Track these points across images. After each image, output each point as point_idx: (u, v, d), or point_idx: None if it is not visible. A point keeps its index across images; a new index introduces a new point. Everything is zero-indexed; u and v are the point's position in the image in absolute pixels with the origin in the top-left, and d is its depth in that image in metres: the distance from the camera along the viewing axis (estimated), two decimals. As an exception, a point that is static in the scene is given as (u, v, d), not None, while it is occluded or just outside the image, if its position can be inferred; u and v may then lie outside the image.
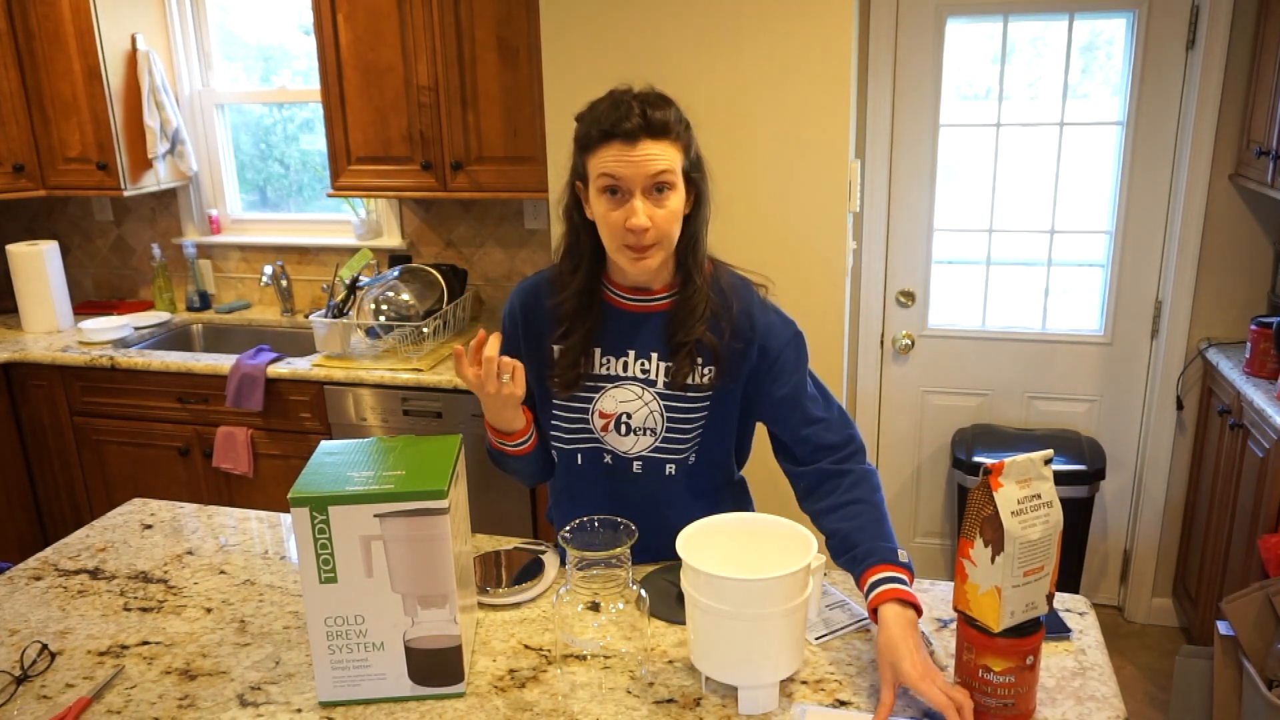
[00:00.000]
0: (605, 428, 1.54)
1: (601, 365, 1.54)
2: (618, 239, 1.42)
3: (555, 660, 1.37)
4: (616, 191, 1.39)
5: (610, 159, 1.38)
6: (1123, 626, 3.27)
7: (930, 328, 3.26)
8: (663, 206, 1.40)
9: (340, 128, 3.07)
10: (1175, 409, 3.07)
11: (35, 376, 3.23)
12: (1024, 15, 2.97)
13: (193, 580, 1.64)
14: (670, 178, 1.40)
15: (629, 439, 1.54)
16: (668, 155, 1.39)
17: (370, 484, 1.23)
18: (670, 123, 1.39)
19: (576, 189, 1.49)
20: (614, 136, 1.37)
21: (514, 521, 2.91)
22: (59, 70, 3.26)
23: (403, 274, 3.13)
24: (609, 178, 1.38)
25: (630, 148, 1.37)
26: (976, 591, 1.19)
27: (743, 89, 2.45)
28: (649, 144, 1.37)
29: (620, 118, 1.37)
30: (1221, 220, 2.91)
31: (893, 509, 3.44)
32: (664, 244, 1.43)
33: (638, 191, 1.38)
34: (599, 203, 1.42)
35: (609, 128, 1.37)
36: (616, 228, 1.40)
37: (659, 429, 1.53)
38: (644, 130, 1.37)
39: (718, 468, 1.61)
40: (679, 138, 1.41)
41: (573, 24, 2.50)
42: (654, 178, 1.38)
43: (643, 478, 1.57)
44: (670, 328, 1.51)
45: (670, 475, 1.57)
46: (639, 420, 1.53)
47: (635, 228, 1.38)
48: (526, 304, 1.58)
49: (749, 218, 2.52)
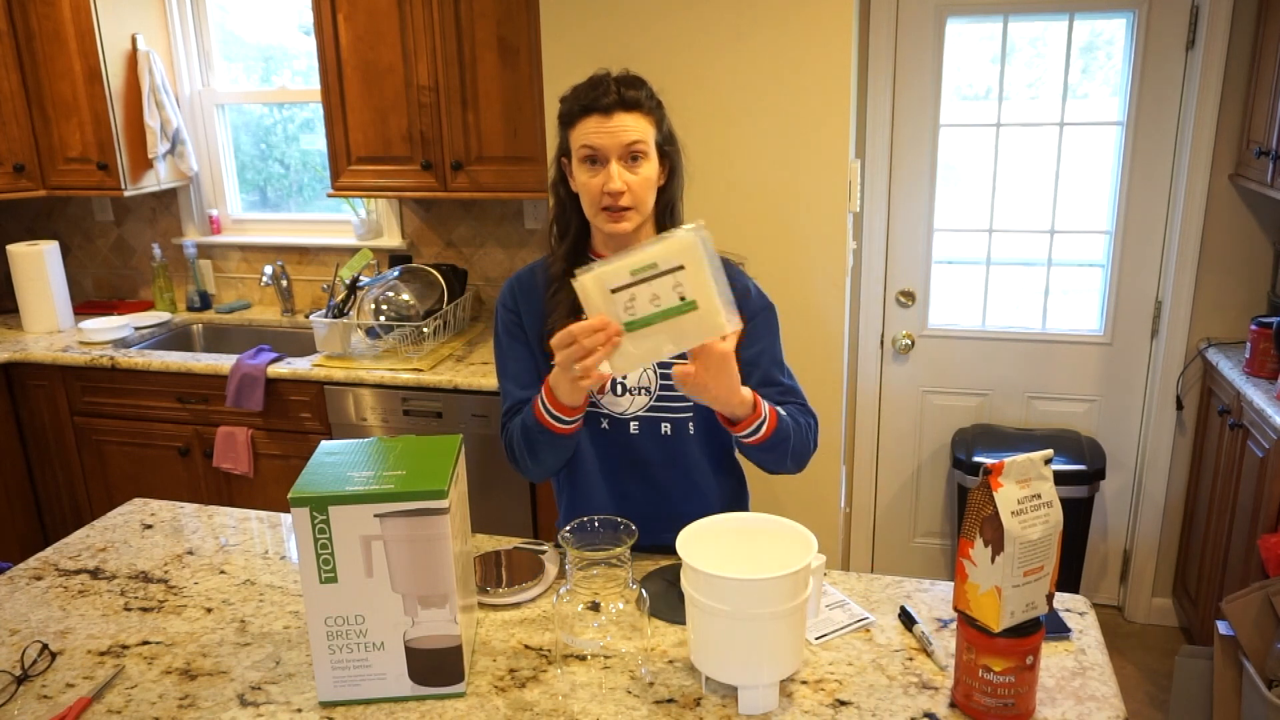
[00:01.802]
0: (601, 389, 1.62)
1: None
2: (596, 203, 1.53)
3: (555, 660, 1.37)
4: (595, 160, 1.52)
5: (589, 131, 1.51)
6: (1123, 626, 3.27)
7: (930, 328, 3.26)
8: (636, 173, 1.52)
9: (340, 128, 3.07)
10: (1175, 409, 3.07)
11: (36, 376, 3.23)
12: (1024, 15, 2.97)
13: (193, 580, 1.64)
14: (643, 147, 1.52)
15: (624, 399, 1.63)
16: (640, 127, 1.52)
17: (370, 484, 1.23)
18: (642, 99, 1.53)
19: (562, 164, 1.60)
20: (592, 110, 1.51)
21: (514, 521, 2.91)
22: (59, 70, 3.26)
23: (403, 274, 3.13)
24: (588, 148, 1.51)
25: (606, 119, 1.50)
26: (976, 591, 1.19)
27: (743, 89, 2.45)
28: (623, 116, 1.50)
29: (598, 95, 1.51)
30: (1221, 220, 2.91)
31: (893, 509, 3.44)
32: (639, 208, 1.54)
33: (614, 159, 1.51)
34: (580, 171, 1.54)
35: (587, 103, 1.51)
36: (595, 193, 1.52)
37: (653, 388, 1.62)
38: (619, 104, 1.50)
39: (715, 431, 1.65)
40: (650, 112, 1.55)
41: (573, 24, 2.50)
42: (628, 146, 1.51)
43: (640, 439, 1.64)
44: None
45: (667, 435, 1.64)
46: (632, 380, 1.62)
47: (611, 190, 1.50)
48: (523, 283, 1.68)
49: (749, 218, 2.52)
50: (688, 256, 1.30)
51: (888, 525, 3.47)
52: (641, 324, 1.32)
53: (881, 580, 1.58)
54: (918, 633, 1.40)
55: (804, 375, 1.72)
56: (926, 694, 1.28)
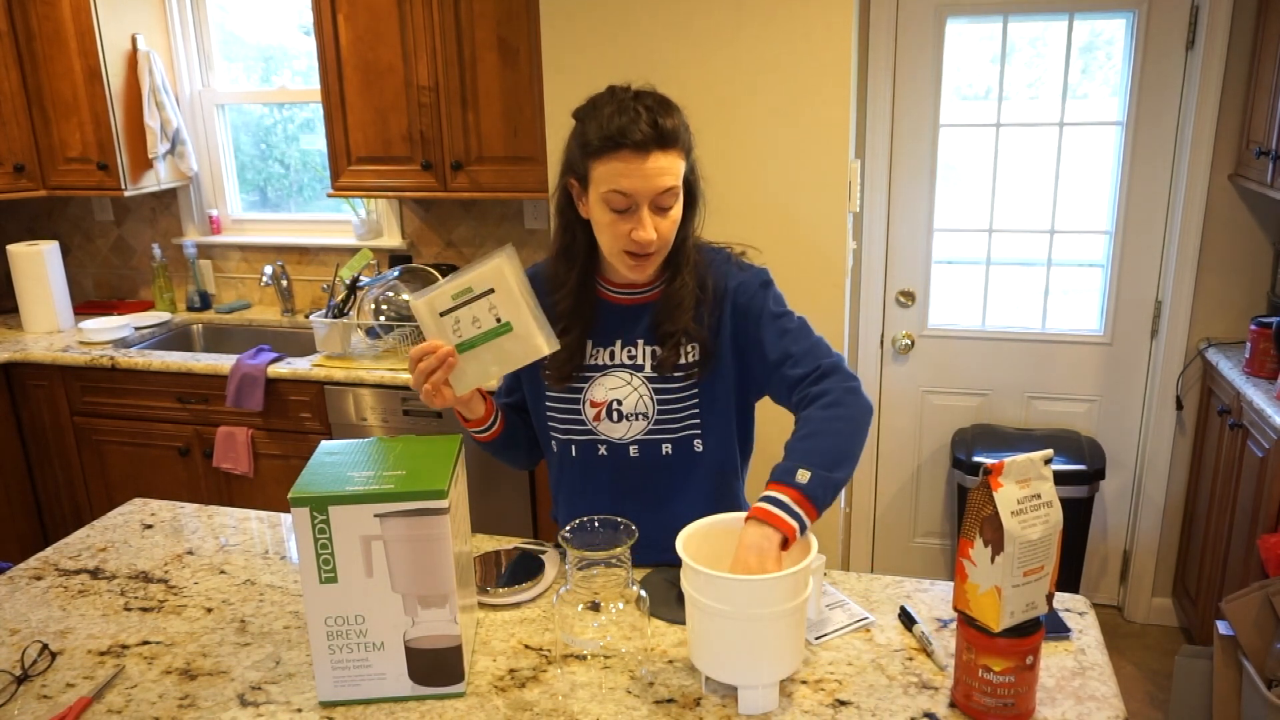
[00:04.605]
0: (597, 416, 1.55)
1: (591, 356, 1.56)
2: (619, 246, 1.43)
3: (555, 660, 1.37)
4: (624, 206, 1.39)
5: (619, 171, 1.36)
6: (1123, 626, 3.27)
7: (930, 328, 3.26)
8: (667, 218, 1.42)
9: (340, 128, 3.07)
10: (1175, 409, 3.07)
11: (36, 376, 3.23)
12: (1024, 15, 2.97)
13: (193, 580, 1.64)
14: (677, 190, 1.41)
15: (621, 425, 1.55)
16: (675, 168, 1.39)
17: (370, 484, 1.23)
18: (679, 131, 1.39)
19: (570, 186, 1.46)
20: (622, 146, 1.34)
21: (514, 521, 2.91)
22: (59, 70, 3.26)
23: (403, 274, 3.13)
24: (618, 194, 1.37)
25: (640, 160, 1.35)
26: (976, 591, 1.19)
27: (743, 89, 2.45)
28: (659, 156, 1.36)
29: (628, 124, 1.34)
30: (1221, 220, 2.91)
31: (893, 509, 3.44)
32: (663, 250, 1.46)
33: (645, 205, 1.38)
34: (601, 211, 1.41)
35: (617, 135, 1.34)
36: (621, 238, 1.42)
37: (650, 413, 1.54)
38: (655, 141, 1.35)
39: (719, 450, 1.58)
40: (684, 145, 1.41)
41: (573, 24, 2.50)
42: (662, 193, 1.38)
43: (640, 460, 1.57)
44: (656, 318, 1.53)
45: (667, 455, 1.56)
46: (629, 406, 1.54)
47: (642, 241, 1.39)
48: None
49: (749, 218, 2.52)
50: (496, 280, 1.34)
51: (888, 525, 3.47)
52: (469, 345, 1.38)
53: (881, 580, 1.58)
54: (918, 633, 1.40)
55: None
56: (926, 694, 1.28)
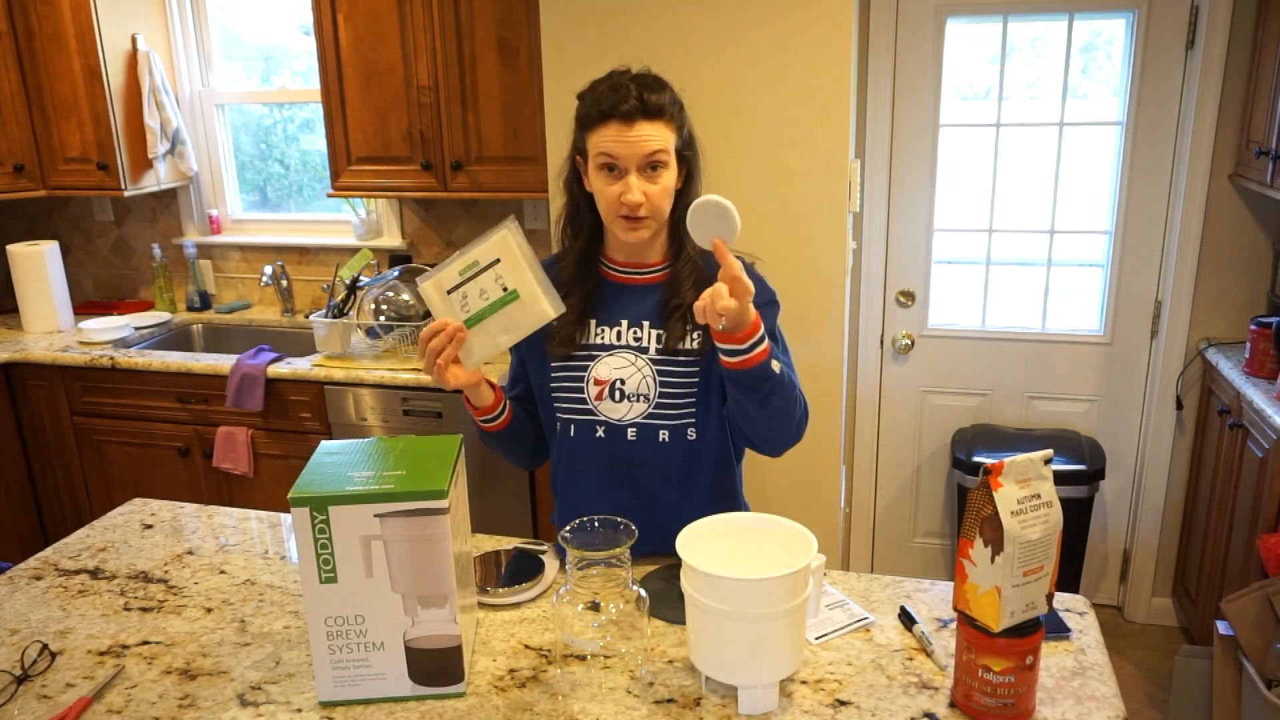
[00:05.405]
0: (600, 395, 1.59)
1: (596, 335, 1.61)
2: (613, 210, 1.52)
3: (555, 660, 1.37)
4: (613, 169, 1.49)
5: (608, 139, 1.47)
6: (1122, 626, 3.27)
7: (930, 328, 3.26)
8: (656, 183, 1.50)
9: (340, 128, 3.07)
10: (1175, 409, 3.07)
11: (36, 376, 3.23)
12: (1024, 15, 2.97)
13: (193, 580, 1.64)
14: (663, 157, 1.49)
15: (622, 406, 1.59)
16: (661, 136, 1.49)
17: (370, 484, 1.23)
18: (665, 105, 1.49)
19: (576, 162, 1.58)
20: (612, 117, 1.47)
21: (514, 521, 2.91)
22: (59, 70, 3.26)
23: (403, 274, 3.13)
24: (606, 156, 1.48)
25: (627, 128, 1.46)
26: (976, 591, 1.19)
27: (743, 89, 2.45)
28: (644, 125, 1.47)
29: (618, 99, 1.46)
30: (1221, 220, 2.91)
31: (893, 509, 3.44)
32: (656, 217, 1.53)
33: (633, 169, 1.48)
34: (597, 178, 1.51)
35: (607, 108, 1.47)
36: (612, 201, 1.50)
37: (652, 395, 1.58)
38: (640, 112, 1.46)
39: (714, 441, 1.63)
40: (673, 118, 1.51)
41: (573, 24, 2.50)
42: (648, 157, 1.48)
43: (637, 445, 1.60)
44: (663, 295, 1.60)
45: (664, 442, 1.60)
46: (632, 386, 1.58)
47: (630, 203, 1.48)
48: None
49: (749, 217, 2.49)
50: (501, 251, 1.42)
51: (887, 525, 3.47)
52: (478, 318, 1.45)
53: (881, 580, 1.58)
54: (917, 633, 1.40)
55: (804, 375, 1.72)
56: (926, 694, 1.28)
